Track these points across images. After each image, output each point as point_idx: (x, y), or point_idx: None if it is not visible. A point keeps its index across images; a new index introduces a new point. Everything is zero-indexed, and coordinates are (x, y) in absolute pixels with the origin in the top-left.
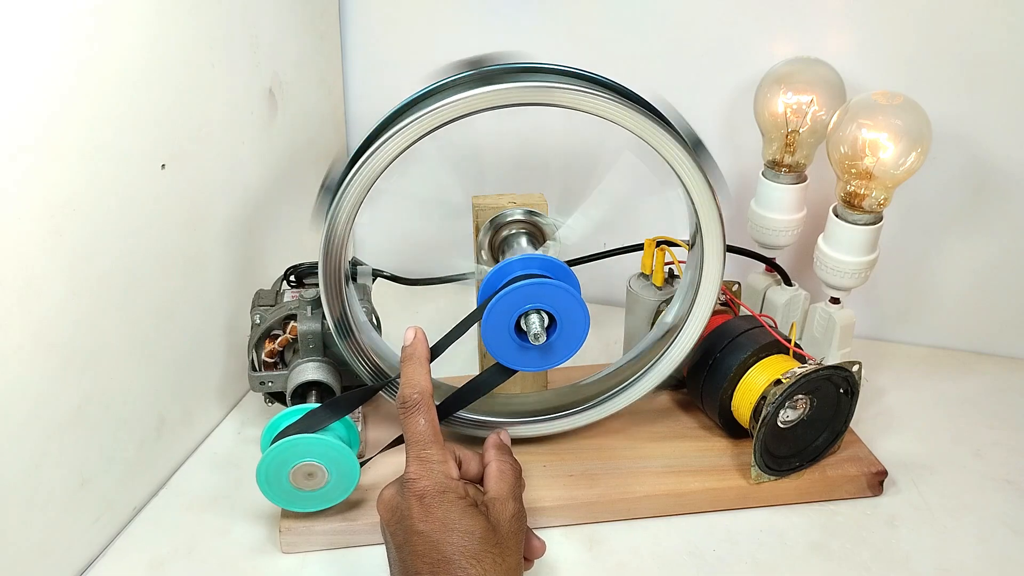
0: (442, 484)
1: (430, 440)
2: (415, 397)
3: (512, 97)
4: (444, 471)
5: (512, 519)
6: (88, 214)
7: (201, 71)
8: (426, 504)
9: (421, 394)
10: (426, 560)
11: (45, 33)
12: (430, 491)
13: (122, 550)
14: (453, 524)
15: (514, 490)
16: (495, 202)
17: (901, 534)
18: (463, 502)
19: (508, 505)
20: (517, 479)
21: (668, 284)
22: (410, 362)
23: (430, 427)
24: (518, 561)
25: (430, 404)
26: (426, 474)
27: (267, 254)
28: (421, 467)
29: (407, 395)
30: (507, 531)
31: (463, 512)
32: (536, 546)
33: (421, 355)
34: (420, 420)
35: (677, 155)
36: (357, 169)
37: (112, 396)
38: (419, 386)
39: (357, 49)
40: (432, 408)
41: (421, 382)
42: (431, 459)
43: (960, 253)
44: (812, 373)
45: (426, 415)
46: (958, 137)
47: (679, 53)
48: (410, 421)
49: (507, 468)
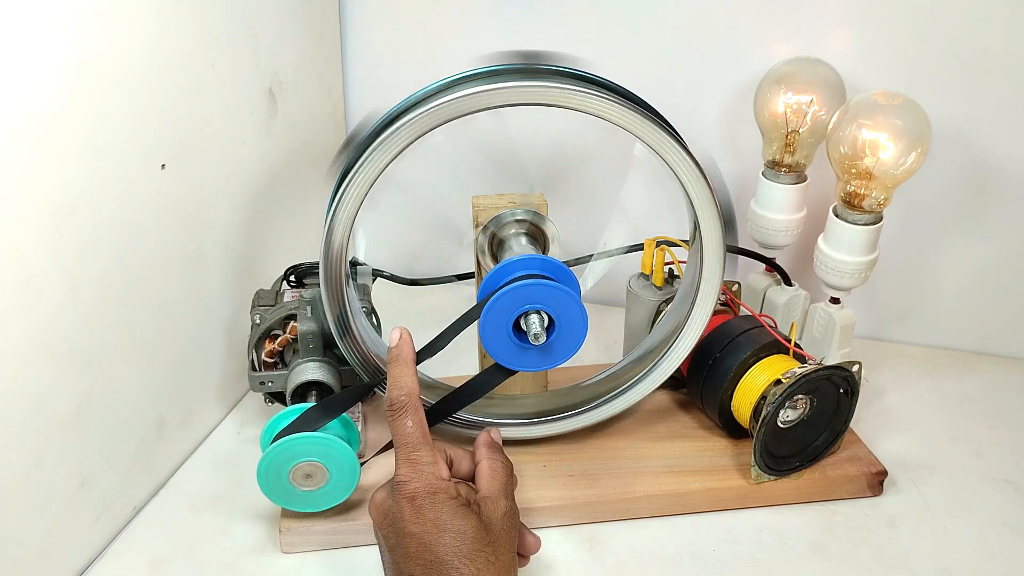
0: (433, 485)
1: (419, 442)
2: (402, 399)
3: (516, 97)
4: (434, 472)
5: (504, 517)
6: (88, 214)
7: (201, 71)
8: (417, 506)
9: (408, 396)
10: (419, 562)
11: (46, 33)
12: (421, 492)
13: (122, 550)
14: (445, 525)
15: (506, 488)
16: (495, 202)
17: (901, 534)
18: (454, 502)
19: (500, 503)
20: (509, 477)
21: (668, 284)
22: (396, 363)
23: (418, 429)
24: (512, 559)
25: (417, 405)
26: (416, 476)
27: (267, 254)
28: (411, 469)
29: (394, 397)
30: (500, 529)
31: (455, 512)
32: (530, 542)
33: (407, 356)
34: (408, 422)
35: (677, 156)
36: (359, 167)
37: (112, 396)
38: (406, 388)
39: (357, 49)
40: (420, 409)
41: (408, 384)
42: (421, 461)
43: (960, 253)
44: (812, 373)
45: (414, 417)
46: (958, 137)
47: (679, 53)
48: (398, 424)
49: (498, 466)
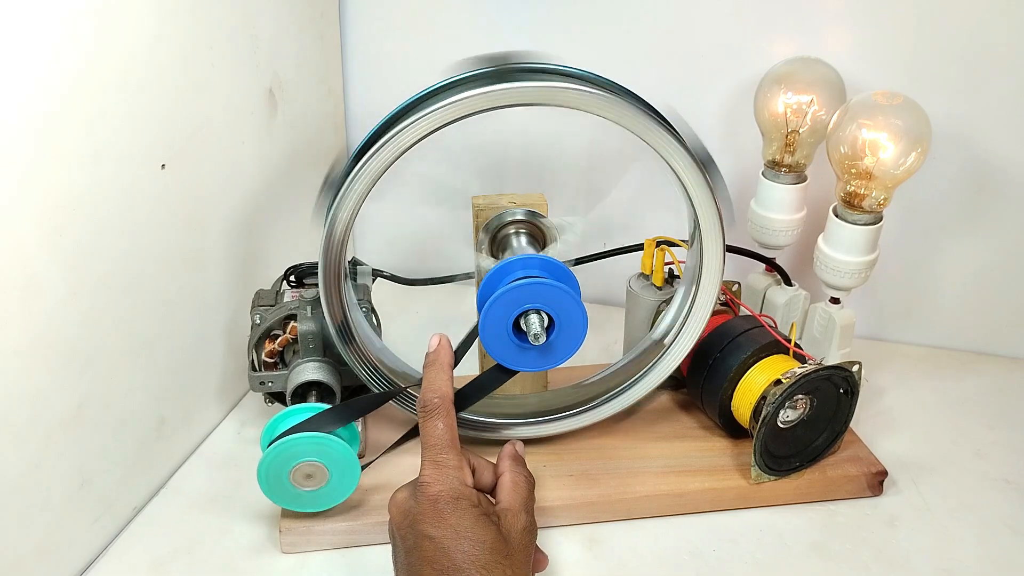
0: (456, 490)
1: (447, 445)
2: (435, 401)
3: (515, 98)
4: (459, 477)
5: (523, 532)
6: (88, 214)
7: (201, 71)
8: (439, 509)
9: (442, 399)
10: (436, 566)
11: (45, 33)
12: (444, 496)
13: (122, 550)
14: (464, 532)
15: (527, 503)
16: (495, 202)
17: (901, 534)
18: (476, 510)
19: (520, 517)
20: (530, 492)
21: (668, 284)
22: (432, 367)
23: (448, 432)
24: (526, 574)
25: (450, 409)
26: (441, 479)
27: (267, 254)
28: (437, 471)
29: (427, 399)
30: (518, 543)
31: (475, 521)
32: (539, 559)
33: (444, 361)
34: (439, 424)
35: (676, 156)
36: (359, 169)
37: (112, 396)
38: (440, 391)
39: (357, 49)
40: (451, 413)
41: (442, 387)
42: (447, 464)
43: (960, 253)
44: (812, 373)
45: (445, 420)
46: (958, 137)
47: (679, 53)
48: (428, 424)
49: (521, 480)
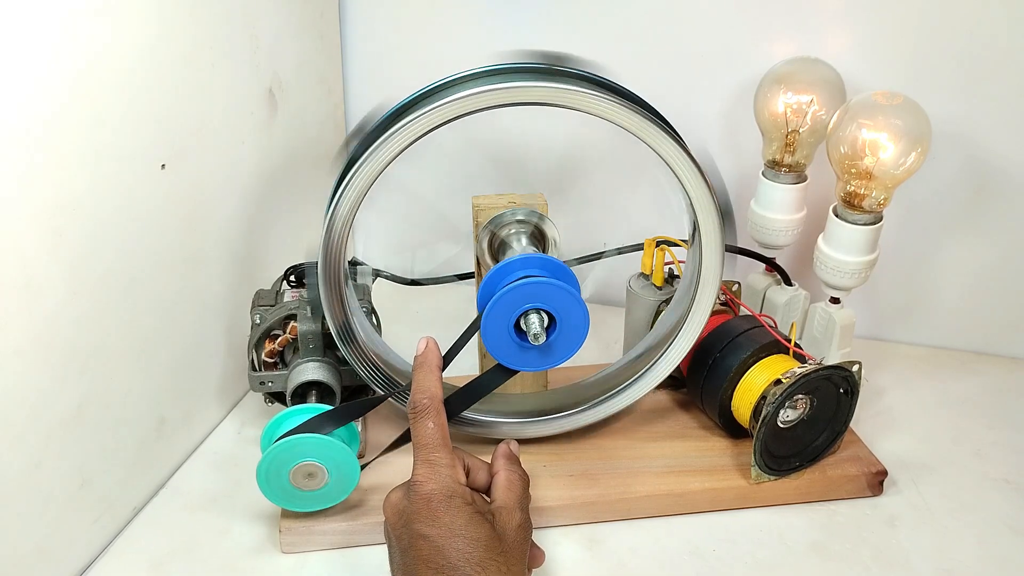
0: (449, 488)
1: (439, 444)
2: (425, 402)
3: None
4: (452, 475)
5: (518, 529)
6: (88, 214)
7: (201, 71)
8: (433, 508)
9: (431, 399)
10: (431, 565)
11: (46, 33)
12: (437, 495)
13: (122, 550)
14: (459, 530)
15: (521, 501)
16: (495, 202)
17: (901, 534)
18: (469, 508)
19: (515, 515)
20: (525, 490)
21: (668, 284)
22: (421, 369)
23: (439, 431)
24: (522, 571)
25: (440, 409)
26: (434, 477)
27: (267, 254)
28: (429, 470)
29: (417, 400)
30: (513, 541)
31: (469, 519)
32: (535, 555)
33: (432, 362)
34: (429, 424)
35: (675, 156)
36: (358, 167)
37: (112, 396)
38: (429, 391)
39: (357, 49)
40: (442, 413)
41: (431, 388)
42: (439, 463)
43: (960, 253)
44: (812, 373)
45: (435, 419)
46: (958, 137)
47: (679, 53)
48: (419, 425)
49: (515, 479)
